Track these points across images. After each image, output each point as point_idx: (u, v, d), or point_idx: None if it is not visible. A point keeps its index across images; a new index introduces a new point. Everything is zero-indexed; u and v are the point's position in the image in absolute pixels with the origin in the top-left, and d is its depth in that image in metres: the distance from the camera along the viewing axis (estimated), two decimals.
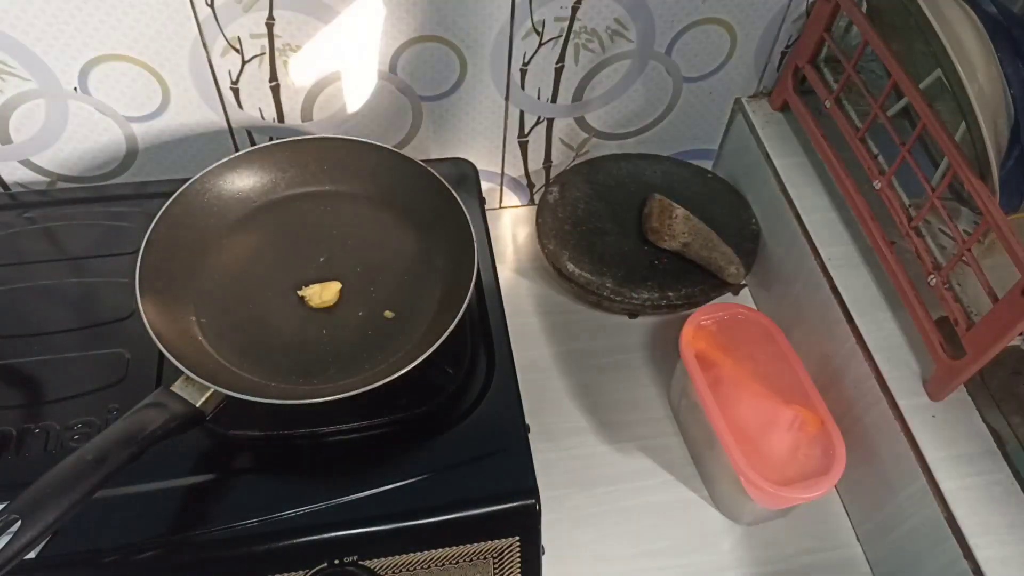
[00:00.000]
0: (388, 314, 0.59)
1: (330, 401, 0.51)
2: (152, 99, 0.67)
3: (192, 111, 0.69)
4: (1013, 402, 0.59)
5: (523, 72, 0.72)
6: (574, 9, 0.68)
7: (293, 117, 0.72)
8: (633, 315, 0.78)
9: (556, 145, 0.81)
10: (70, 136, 0.69)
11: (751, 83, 0.79)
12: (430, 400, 0.57)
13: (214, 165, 0.62)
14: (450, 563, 0.54)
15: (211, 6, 0.62)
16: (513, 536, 0.54)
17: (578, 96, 0.76)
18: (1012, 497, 0.55)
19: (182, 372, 0.50)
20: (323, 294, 0.59)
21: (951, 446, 0.56)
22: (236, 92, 0.68)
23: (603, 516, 0.65)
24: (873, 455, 0.62)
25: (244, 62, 0.66)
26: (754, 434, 0.61)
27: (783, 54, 0.76)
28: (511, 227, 0.86)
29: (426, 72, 0.70)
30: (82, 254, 0.65)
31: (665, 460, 0.69)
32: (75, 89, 0.65)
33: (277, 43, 0.65)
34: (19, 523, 0.41)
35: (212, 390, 0.50)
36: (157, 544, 0.50)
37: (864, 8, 0.64)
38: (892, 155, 0.62)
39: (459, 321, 0.54)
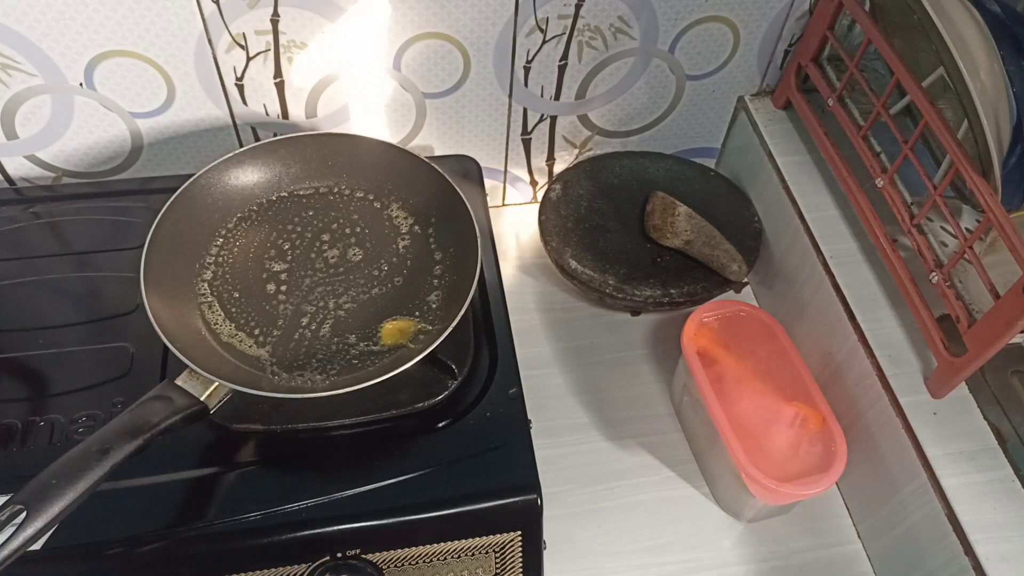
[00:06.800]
0: (392, 309, 0.59)
1: (333, 395, 0.51)
2: (157, 95, 0.68)
3: (197, 107, 0.69)
4: (1014, 399, 0.59)
5: (526, 69, 0.72)
6: (577, 7, 0.68)
7: (297, 113, 0.72)
8: (635, 312, 0.78)
9: (559, 143, 0.81)
10: (75, 131, 0.69)
11: (754, 81, 0.79)
12: (433, 395, 0.57)
13: (218, 161, 0.62)
14: (452, 557, 0.54)
15: (216, 2, 0.62)
16: (515, 531, 0.54)
17: (581, 94, 0.76)
18: (1013, 494, 0.55)
19: (186, 366, 0.50)
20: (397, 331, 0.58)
21: (952, 443, 0.56)
22: (240, 88, 0.69)
23: (604, 512, 0.65)
24: (874, 452, 0.62)
25: (249, 58, 0.66)
26: (756, 431, 0.62)
27: (786, 52, 0.76)
28: (514, 224, 0.86)
29: (430, 69, 0.70)
30: (87, 249, 0.65)
31: (667, 456, 0.69)
32: (81, 84, 0.65)
33: (282, 39, 0.65)
34: (24, 514, 0.42)
35: (216, 384, 0.51)
36: (160, 536, 0.50)
37: (867, 6, 0.64)
38: (894, 153, 0.62)
39: (462, 317, 0.54)
